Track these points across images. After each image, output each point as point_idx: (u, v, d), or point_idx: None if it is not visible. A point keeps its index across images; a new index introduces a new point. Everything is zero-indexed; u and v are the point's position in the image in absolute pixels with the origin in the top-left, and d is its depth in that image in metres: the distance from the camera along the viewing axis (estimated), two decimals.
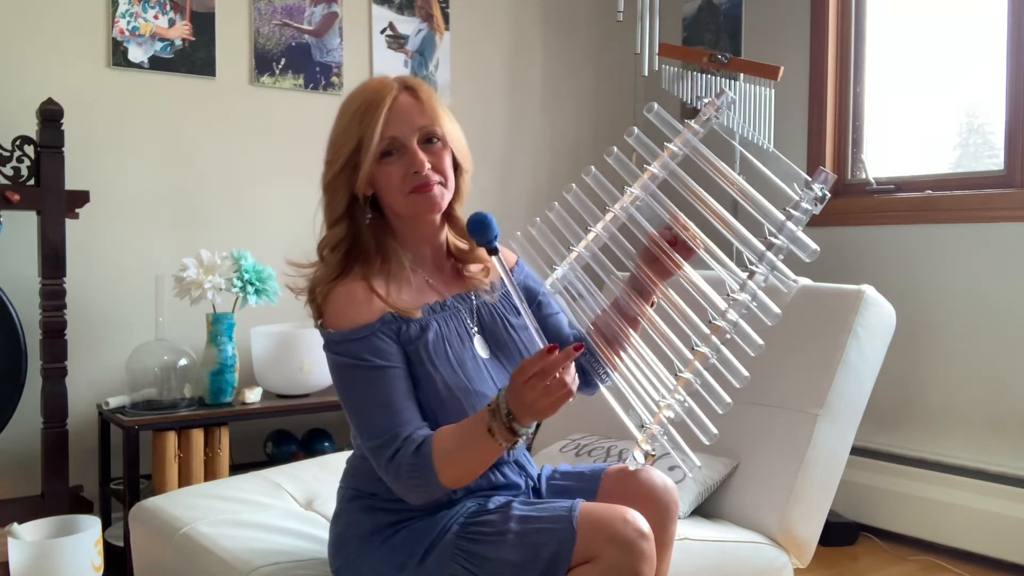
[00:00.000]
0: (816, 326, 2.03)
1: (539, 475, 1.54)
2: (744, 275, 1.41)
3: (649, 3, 3.17)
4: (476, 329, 1.45)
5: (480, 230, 1.29)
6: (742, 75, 2.95)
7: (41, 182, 2.38)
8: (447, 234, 1.49)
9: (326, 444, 2.87)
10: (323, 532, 1.62)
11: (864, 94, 3.18)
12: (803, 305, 2.08)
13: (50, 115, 2.38)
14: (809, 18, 3.22)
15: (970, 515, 2.65)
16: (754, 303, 1.39)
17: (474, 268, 1.48)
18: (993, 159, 2.84)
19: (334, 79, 3.08)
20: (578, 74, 3.73)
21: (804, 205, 1.43)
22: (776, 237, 1.41)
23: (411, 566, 1.32)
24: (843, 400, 1.97)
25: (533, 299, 1.57)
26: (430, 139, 1.39)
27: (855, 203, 3.09)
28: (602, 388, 1.49)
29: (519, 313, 1.51)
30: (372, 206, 1.43)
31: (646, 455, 1.38)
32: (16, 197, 2.33)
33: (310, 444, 2.87)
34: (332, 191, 1.41)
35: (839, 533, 2.83)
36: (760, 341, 1.34)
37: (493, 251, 1.31)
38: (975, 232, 2.76)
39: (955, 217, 2.81)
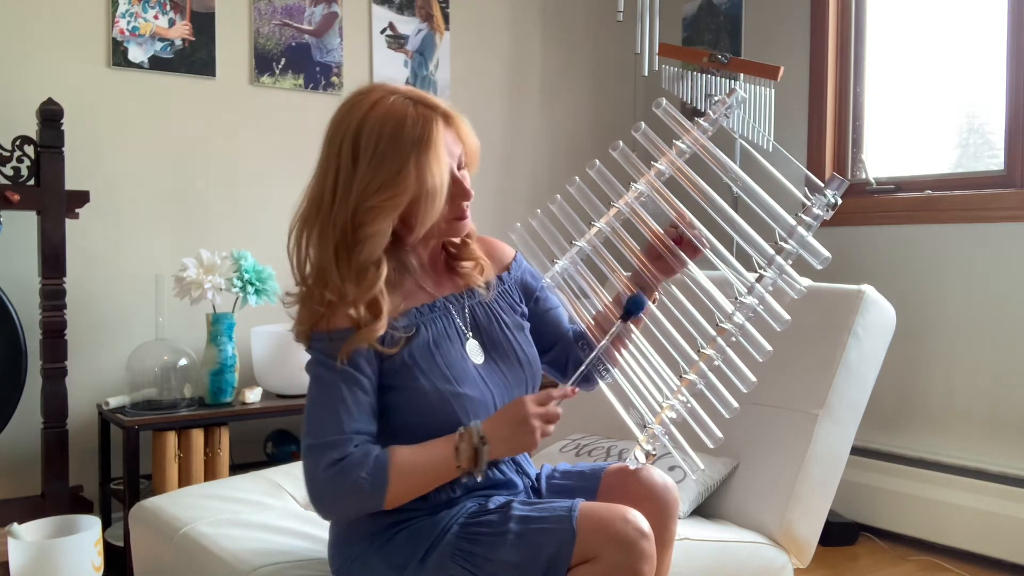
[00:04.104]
0: (816, 326, 2.03)
1: (538, 475, 1.54)
2: (752, 278, 1.41)
3: (649, 3, 3.17)
4: (470, 334, 1.44)
5: (636, 309, 1.41)
6: (742, 75, 2.95)
7: (41, 182, 2.38)
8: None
9: None
10: (323, 532, 1.62)
11: (864, 94, 3.18)
12: (803, 305, 2.07)
13: (50, 115, 2.38)
14: (809, 18, 3.23)
15: (970, 515, 2.65)
16: (761, 307, 1.38)
17: (467, 265, 1.47)
18: (993, 159, 2.84)
19: (334, 79, 3.08)
20: (578, 74, 3.73)
21: (816, 211, 1.42)
22: (786, 242, 1.41)
23: (411, 567, 1.32)
24: (843, 400, 1.97)
25: (531, 294, 1.56)
26: (460, 163, 1.39)
27: (855, 203, 3.09)
28: (602, 385, 1.49)
29: (515, 311, 1.51)
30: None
31: (647, 454, 1.38)
32: (16, 197, 2.33)
33: None
34: (378, 233, 1.30)
35: (839, 533, 2.83)
36: (768, 347, 1.34)
37: (624, 318, 1.42)
38: (975, 232, 2.76)
39: (955, 217, 2.81)
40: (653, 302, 1.49)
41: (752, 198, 1.44)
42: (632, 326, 1.48)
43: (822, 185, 1.43)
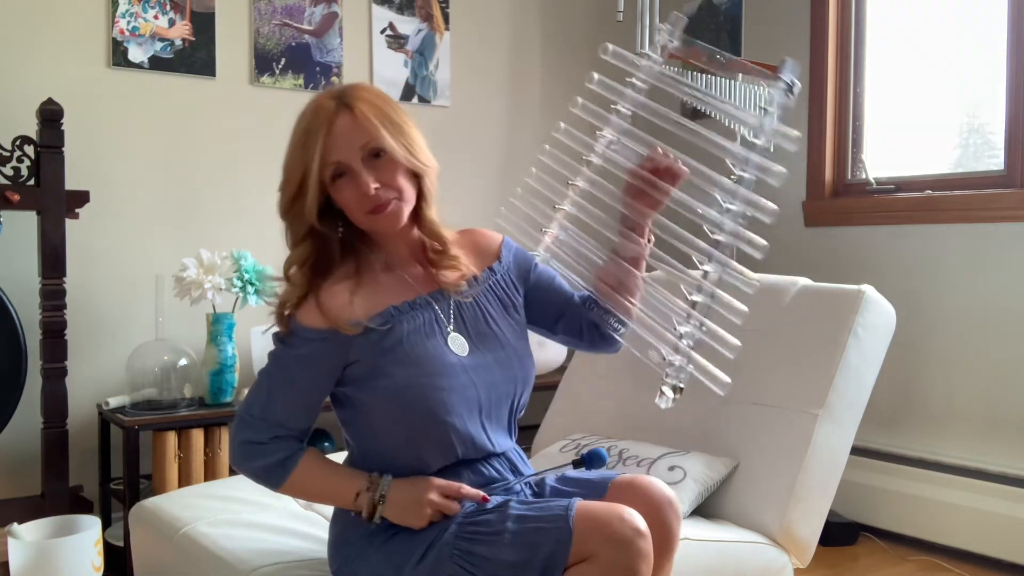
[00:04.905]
0: (816, 326, 2.03)
1: (543, 479, 1.53)
2: (733, 181, 1.42)
3: (649, 3, 3.17)
4: (451, 327, 1.44)
5: (595, 461, 1.48)
6: (742, 75, 2.94)
7: (41, 182, 2.38)
8: (420, 235, 1.47)
9: (326, 444, 2.87)
10: (323, 532, 1.62)
11: (864, 94, 3.18)
12: (803, 305, 2.08)
13: (50, 115, 2.38)
14: (809, 18, 3.22)
15: (970, 515, 2.65)
16: (749, 209, 1.40)
17: (448, 274, 1.45)
18: (993, 159, 2.84)
19: (334, 79, 3.08)
20: (578, 74, 3.72)
21: (777, 100, 1.43)
22: (758, 138, 1.40)
23: (409, 566, 1.32)
24: (843, 400, 1.97)
25: (527, 273, 1.56)
26: (377, 154, 1.35)
27: (855, 203, 3.09)
28: (620, 340, 1.50)
29: (506, 306, 1.51)
30: (342, 215, 1.42)
31: (674, 389, 1.38)
32: (16, 197, 2.33)
33: (310, 444, 2.86)
34: (290, 217, 1.41)
35: (839, 533, 2.83)
36: (763, 242, 1.37)
37: (578, 464, 1.49)
38: (975, 232, 2.76)
39: (955, 217, 2.80)
40: (649, 241, 1.50)
41: (714, 107, 1.45)
42: (634, 269, 1.49)
43: (776, 74, 1.44)
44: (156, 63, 2.78)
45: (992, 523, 2.60)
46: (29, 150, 2.39)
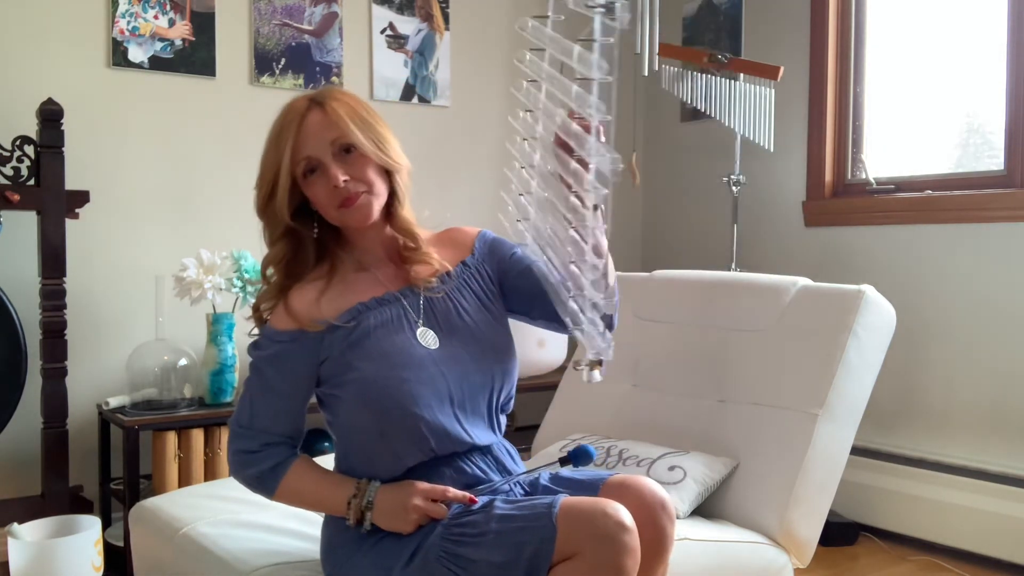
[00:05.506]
0: (816, 326, 2.03)
1: (536, 480, 1.53)
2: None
3: (649, 3, 3.17)
4: (421, 321, 1.44)
5: (581, 458, 1.48)
6: (742, 75, 2.95)
7: (41, 182, 2.38)
8: (393, 233, 1.48)
9: (326, 444, 2.87)
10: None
11: (864, 94, 3.18)
12: (803, 305, 2.08)
13: (50, 115, 2.38)
14: (809, 18, 3.22)
15: (970, 515, 2.65)
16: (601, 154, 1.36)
17: (420, 269, 1.46)
18: (993, 159, 2.83)
19: (334, 79, 3.08)
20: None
21: (597, 25, 1.42)
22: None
23: (397, 570, 1.32)
24: (843, 400, 1.97)
25: (504, 261, 1.55)
26: (347, 149, 1.38)
27: (855, 203, 3.09)
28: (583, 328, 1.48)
29: (480, 297, 1.50)
30: (319, 216, 1.44)
31: (592, 364, 1.36)
32: (16, 197, 2.33)
33: (310, 444, 2.86)
34: (267, 216, 1.42)
35: (839, 533, 2.83)
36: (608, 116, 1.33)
37: (565, 462, 1.48)
38: (975, 232, 2.76)
39: (955, 217, 2.80)
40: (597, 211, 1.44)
41: (555, 47, 1.47)
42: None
43: None
44: (156, 63, 2.78)
45: (992, 523, 2.60)
46: (29, 150, 2.39)
